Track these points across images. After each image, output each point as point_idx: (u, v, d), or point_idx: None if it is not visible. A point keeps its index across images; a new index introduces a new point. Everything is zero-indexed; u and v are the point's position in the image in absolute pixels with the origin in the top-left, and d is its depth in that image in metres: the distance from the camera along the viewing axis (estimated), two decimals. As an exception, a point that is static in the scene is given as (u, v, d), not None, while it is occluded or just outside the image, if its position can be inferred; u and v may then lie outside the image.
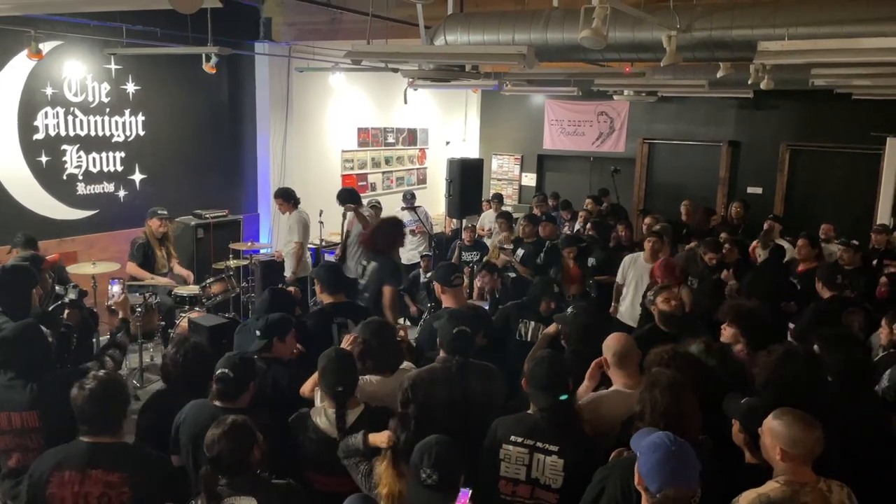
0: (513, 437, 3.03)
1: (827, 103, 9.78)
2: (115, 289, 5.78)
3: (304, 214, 7.80)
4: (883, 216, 9.73)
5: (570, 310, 4.28)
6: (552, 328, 4.33)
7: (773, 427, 2.60)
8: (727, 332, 4.07)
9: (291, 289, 5.78)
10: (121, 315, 4.30)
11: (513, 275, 7.44)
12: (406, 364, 3.72)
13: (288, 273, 7.75)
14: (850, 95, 8.88)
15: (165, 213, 6.95)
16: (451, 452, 2.50)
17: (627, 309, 6.42)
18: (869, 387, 3.66)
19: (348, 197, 7.62)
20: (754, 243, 7.49)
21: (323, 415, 3.18)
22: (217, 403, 3.20)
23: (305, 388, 3.56)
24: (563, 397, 3.03)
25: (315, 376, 3.34)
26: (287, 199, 7.78)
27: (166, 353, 3.65)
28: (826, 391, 3.31)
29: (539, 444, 2.98)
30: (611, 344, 3.50)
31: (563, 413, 3.02)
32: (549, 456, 2.95)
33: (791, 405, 2.68)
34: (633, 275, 6.47)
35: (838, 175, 10.61)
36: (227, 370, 3.20)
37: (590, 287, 7.20)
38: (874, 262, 7.24)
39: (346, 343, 3.62)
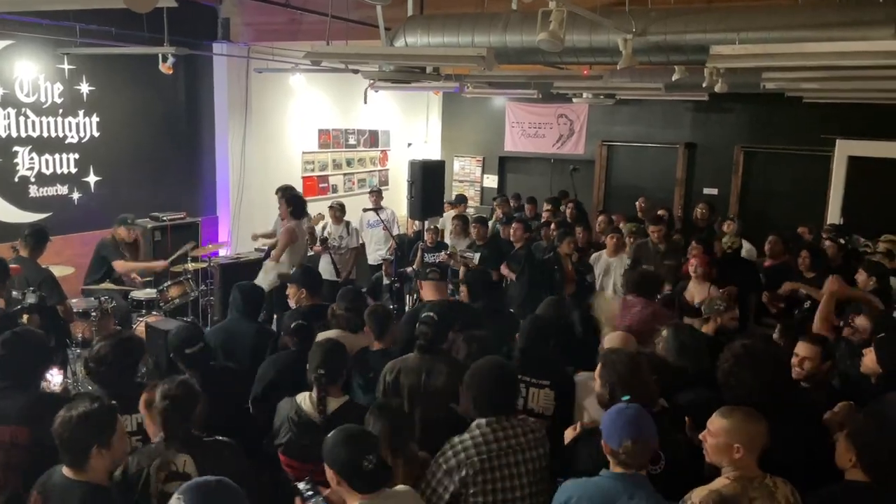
0: None
1: (779, 106, 9.98)
2: (57, 379, 4.58)
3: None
4: (833, 216, 10.00)
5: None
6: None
7: (724, 426, 2.62)
8: None
9: None
10: None
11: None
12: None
13: None
14: (800, 99, 9.08)
15: (131, 218, 6.83)
16: None
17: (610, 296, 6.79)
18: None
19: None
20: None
21: (308, 399, 3.32)
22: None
23: None
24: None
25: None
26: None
27: (92, 350, 3.40)
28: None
29: (533, 380, 3.58)
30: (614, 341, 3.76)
31: (544, 354, 3.73)
32: (542, 389, 3.57)
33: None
34: (600, 270, 6.96)
35: (790, 176, 10.84)
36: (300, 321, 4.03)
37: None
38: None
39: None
